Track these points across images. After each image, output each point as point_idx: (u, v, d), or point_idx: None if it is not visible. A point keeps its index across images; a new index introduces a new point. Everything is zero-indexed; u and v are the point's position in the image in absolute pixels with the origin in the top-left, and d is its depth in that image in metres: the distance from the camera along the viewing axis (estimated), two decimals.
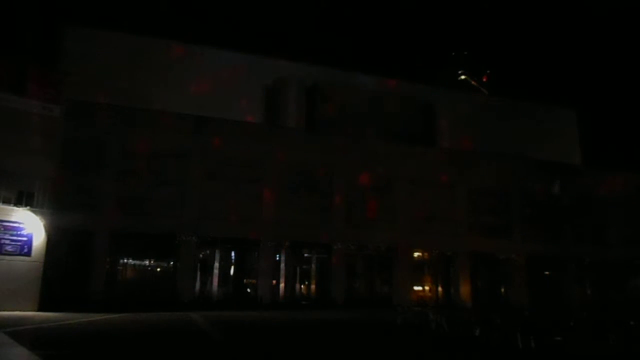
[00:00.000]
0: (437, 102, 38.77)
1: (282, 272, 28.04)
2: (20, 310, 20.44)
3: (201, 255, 26.67)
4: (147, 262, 26.92)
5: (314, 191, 28.10)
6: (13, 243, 21.41)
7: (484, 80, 48.82)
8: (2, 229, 21.17)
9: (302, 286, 29.30)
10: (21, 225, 21.67)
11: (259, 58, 36.92)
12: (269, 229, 26.83)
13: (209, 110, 31.62)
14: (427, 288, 31.54)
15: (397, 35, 77.02)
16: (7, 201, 21.43)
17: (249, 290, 27.19)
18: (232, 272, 28.03)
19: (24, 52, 27.68)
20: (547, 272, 33.45)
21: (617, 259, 33.68)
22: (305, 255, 29.11)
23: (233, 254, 28.09)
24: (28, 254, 21.61)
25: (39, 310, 21.06)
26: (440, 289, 31.64)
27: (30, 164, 22.01)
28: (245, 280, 27.65)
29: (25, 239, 21.67)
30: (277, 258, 27.68)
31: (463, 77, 48.38)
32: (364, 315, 23.23)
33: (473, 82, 48.17)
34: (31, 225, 21.87)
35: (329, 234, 27.95)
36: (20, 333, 14.04)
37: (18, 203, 21.63)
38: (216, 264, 27.35)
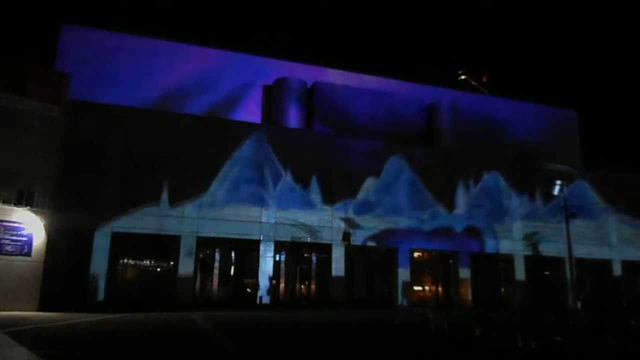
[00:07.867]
0: (437, 101, 38.75)
1: (282, 272, 28.09)
2: (20, 310, 20.44)
3: (201, 255, 26.66)
4: (147, 262, 26.89)
5: (314, 191, 28.09)
6: (13, 243, 21.39)
7: (484, 80, 48.75)
8: (2, 229, 21.16)
9: (302, 286, 29.30)
10: (21, 225, 21.65)
11: (259, 58, 36.94)
12: (269, 229, 26.86)
13: (209, 109, 31.65)
14: (427, 288, 31.52)
15: (397, 35, 77.05)
16: (7, 201, 21.42)
17: (249, 290, 27.18)
18: (232, 272, 28.02)
19: (24, 52, 27.70)
20: (546, 272, 33.44)
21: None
22: (305, 255, 29.10)
23: (233, 254, 28.09)
24: (28, 254, 21.59)
25: (39, 310, 21.05)
26: (440, 289, 31.63)
27: (30, 164, 22.01)
28: (245, 281, 27.64)
29: (25, 239, 21.65)
30: (277, 258, 27.70)
31: (463, 77, 48.28)
32: (364, 316, 23.21)
33: (473, 82, 48.09)
34: (31, 225, 21.85)
35: (329, 233, 27.96)
36: (20, 333, 14.04)
37: (18, 203, 21.61)
38: (216, 264, 27.33)
